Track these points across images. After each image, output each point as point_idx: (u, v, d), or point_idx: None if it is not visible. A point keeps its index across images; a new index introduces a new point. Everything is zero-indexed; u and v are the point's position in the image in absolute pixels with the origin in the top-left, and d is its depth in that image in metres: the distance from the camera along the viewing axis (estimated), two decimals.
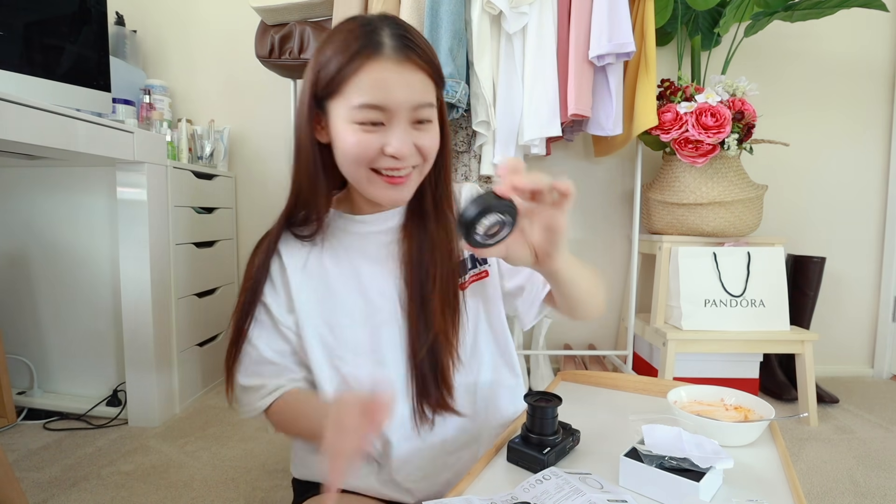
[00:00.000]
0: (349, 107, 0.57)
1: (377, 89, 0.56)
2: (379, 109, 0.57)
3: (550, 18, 1.40)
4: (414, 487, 0.69)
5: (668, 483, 0.54)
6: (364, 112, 0.57)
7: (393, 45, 0.57)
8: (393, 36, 0.57)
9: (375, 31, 0.57)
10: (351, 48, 0.56)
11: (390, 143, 0.58)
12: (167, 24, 2.03)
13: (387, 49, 0.56)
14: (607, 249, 2.02)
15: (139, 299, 1.47)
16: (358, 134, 0.58)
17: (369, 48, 0.56)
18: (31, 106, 1.08)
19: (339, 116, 0.59)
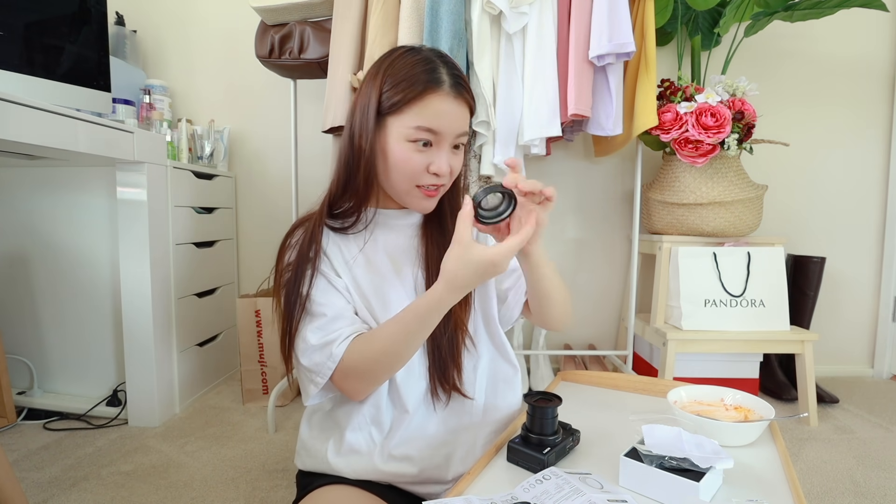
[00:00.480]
0: (407, 126, 0.68)
1: (434, 116, 0.68)
2: (431, 132, 0.68)
3: (550, 18, 1.39)
4: (416, 456, 0.73)
5: (668, 483, 0.54)
6: (419, 132, 0.68)
7: (450, 83, 0.69)
8: (450, 75, 0.69)
9: (437, 68, 0.69)
10: (418, 79, 0.68)
11: (436, 162, 0.70)
12: (167, 24, 2.03)
13: (445, 85, 0.68)
14: (607, 249, 2.02)
15: (139, 299, 1.47)
16: (409, 152, 0.69)
17: (433, 82, 0.68)
18: (31, 106, 1.08)
19: (395, 132, 0.69)
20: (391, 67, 0.69)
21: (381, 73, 0.70)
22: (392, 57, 0.71)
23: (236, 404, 1.68)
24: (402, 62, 0.69)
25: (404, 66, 0.69)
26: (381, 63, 0.72)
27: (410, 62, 0.69)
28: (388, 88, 0.68)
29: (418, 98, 0.67)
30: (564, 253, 2.03)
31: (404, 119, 0.68)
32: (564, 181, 2.00)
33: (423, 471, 0.73)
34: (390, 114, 0.69)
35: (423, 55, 0.70)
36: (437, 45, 1.32)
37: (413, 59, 0.69)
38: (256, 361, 1.67)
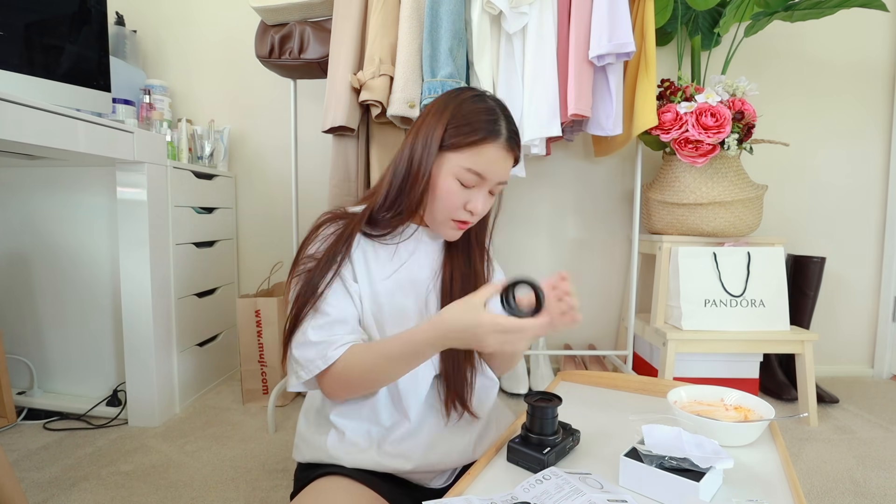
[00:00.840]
0: (459, 165, 0.74)
1: (485, 163, 0.75)
2: (478, 176, 0.75)
3: (550, 18, 1.39)
4: (413, 455, 0.75)
5: (668, 483, 0.54)
6: (467, 174, 0.74)
7: (506, 136, 0.75)
8: (508, 129, 0.76)
9: (498, 121, 0.75)
10: (480, 127, 0.74)
11: (473, 201, 0.76)
12: (167, 24, 2.03)
13: (502, 138, 0.75)
14: (607, 249, 2.02)
15: (139, 299, 1.47)
16: (454, 187, 0.75)
17: (492, 133, 0.74)
18: (31, 106, 1.08)
19: (447, 167, 0.75)
20: (459, 108, 0.76)
21: (449, 110, 0.76)
22: (461, 98, 0.77)
23: (236, 404, 1.68)
24: (469, 106, 0.76)
25: (470, 111, 0.75)
26: (448, 100, 0.78)
27: (476, 109, 0.75)
28: (452, 126, 0.74)
29: (476, 144, 0.73)
30: (564, 253, 2.03)
31: (459, 158, 0.74)
32: (564, 181, 2.00)
33: (420, 466, 0.75)
34: (449, 150, 0.75)
35: (488, 105, 0.76)
36: (437, 45, 1.32)
37: (479, 106, 0.76)
38: (256, 361, 1.67)
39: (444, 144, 0.75)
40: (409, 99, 1.34)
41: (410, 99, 1.34)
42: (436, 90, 1.31)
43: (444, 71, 1.32)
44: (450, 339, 0.65)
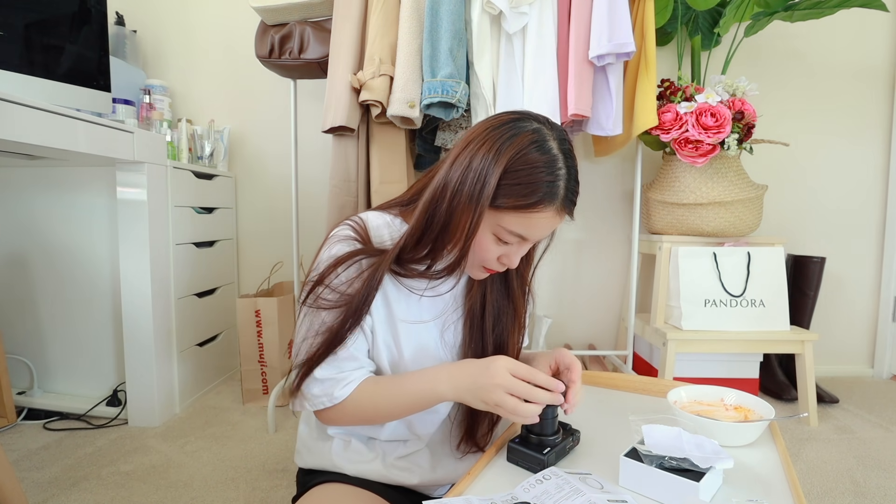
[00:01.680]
0: (502, 225, 0.64)
1: (533, 229, 0.64)
2: (520, 238, 0.65)
3: (550, 18, 1.39)
4: (418, 469, 0.74)
5: (668, 483, 0.54)
6: (510, 236, 0.65)
7: (562, 197, 0.63)
8: (566, 188, 0.63)
9: (558, 180, 0.62)
10: (537, 188, 0.61)
11: (510, 257, 0.67)
12: (167, 24, 2.03)
13: (558, 201, 0.63)
14: (607, 249, 2.02)
15: (139, 299, 1.47)
16: (490, 243, 0.65)
17: (549, 197, 0.62)
18: (31, 106, 1.08)
19: (488, 222, 0.64)
20: (518, 158, 0.61)
21: (506, 157, 0.61)
22: (520, 142, 0.62)
23: (236, 404, 1.68)
24: (530, 156, 0.61)
25: (530, 164, 0.61)
26: (504, 139, 0.62)
27: (537, 161, 0.61)
28: (507, 183, 0.61)
29: (529, 208, 0.62)
30: (564, 253, 2.03)
31: (503, 219, 0.63)
32: None
33: (425, 480, 0.74)
34: (495, 207, 0.63)
35: (550, 155, 0.62)
36: (437, 45, 1.32)
37: (541, 158, 0.62)
38: (256, 361, 1.67)
39: (492, 204, 0.62)
40: (409, 99, 1.34)
41: (410, 99, 1.34)
42: (436, 90, 1.31)
43: (444, 71, 1.32)
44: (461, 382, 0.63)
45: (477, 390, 0.61)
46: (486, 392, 0.60)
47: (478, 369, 0.63)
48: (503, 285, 0.76)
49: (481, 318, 0.75)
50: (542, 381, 0.61)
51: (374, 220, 0.72)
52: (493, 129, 0.64)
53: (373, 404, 0.67)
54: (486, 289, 0.75)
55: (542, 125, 0.64)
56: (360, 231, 0.69)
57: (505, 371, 0.60)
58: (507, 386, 0.60)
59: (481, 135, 0.64)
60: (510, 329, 0.76)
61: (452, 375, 0.64)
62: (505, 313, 0.76)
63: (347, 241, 0.68)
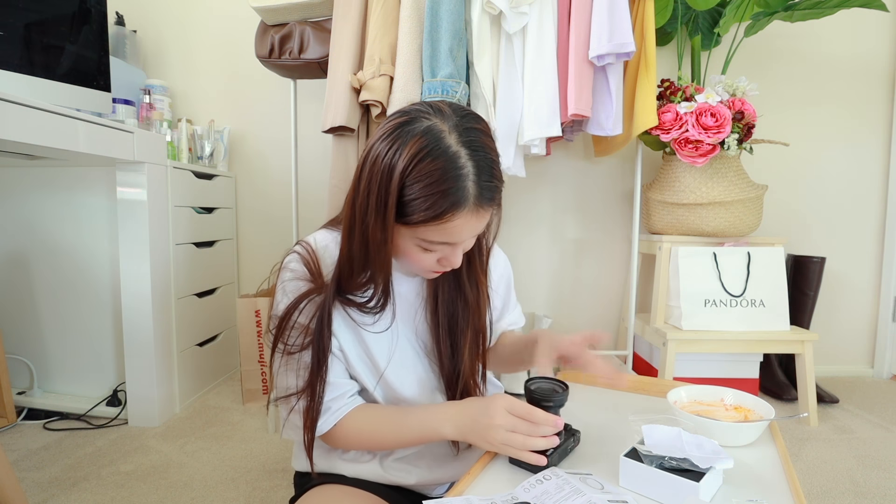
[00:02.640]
0: (422, 238, 0.61)
1: (454, 235, 0.60)
2: (446, 244, 0.62)
3: (550, 18, 1.39)
4: (417, 469, 0.74)
5: (668, 483, 0.54)
6: (434, 245, 0.62)
7: (476, 194, 0.58)
8: (479, 184, 0.58)
9: (465, 178, 0.57)
10: (443, 198, 0.57)
11: (450, 260, 0.64)
12: (167, 24, 2.03)
13: (471, 200, 0.58)
14: (607, 249, 2.02)
15: (139, 299, 1.47)
16: (421, 254, 0.63)
17: (457, 205, 0.57)
18: (31, 106, 1.08)
19: (407, 237, 0.62)
20: (412, 174, 0.56)
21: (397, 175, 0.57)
22: (410, 154, 0.56)
23: (236, 404, 1.68)
24: (424, 167, 0.56)
25: (426, 178, 0.56)
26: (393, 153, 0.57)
27: (434, 171, 0.56)
28: (407, 199, 0.57)
29: (438, 220, 0.58)
30: (564, 253, 2.03)
31: (419, 231, 0.60)
32: (564, 181, 2.00)
33: (423, 480, 0.74)
34: (405, 225, 0.60)
35: (447, 157, 0.56)
36: (437, 45, 1.32)
37: (438, 163, 0.56)
38: (256, 361, 1.67)
39: (399, 220, 0.60)
40: (409, 99, 1.34)
41: (411, 99, 1.34)
42: (436, 90, 1.31)
43: (444, 71, 1.32)
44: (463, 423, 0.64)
45: (480, 430, 0.62)
46: (488, 432, 0.61)
47: (477, 410, 0.63)
48: (454, 280, 0.73)
49: (443, 315, 0.73)
50: (540, 417, 0.60)
51: (322, 239, 0.71)
52: (383, 139, 0.59)
53: (377, 435, 0.69)
54: (438, 287, 0.73)
55: (434, 120, 0.59)
56: (308, 259, 0.68)
57: (503, 411, 0.61)
58: (508, 425, 0.60)
59: (374, 148, 0.60)
60: (468, 322, 0.73)
61: (454, 417, 0.65)
62: (459, 306, 0.73)
63: (295, 282, 0.68)
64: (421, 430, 0.66)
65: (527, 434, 0.60)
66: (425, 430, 0.66)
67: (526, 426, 0.60)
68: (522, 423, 0.60)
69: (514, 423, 0.60)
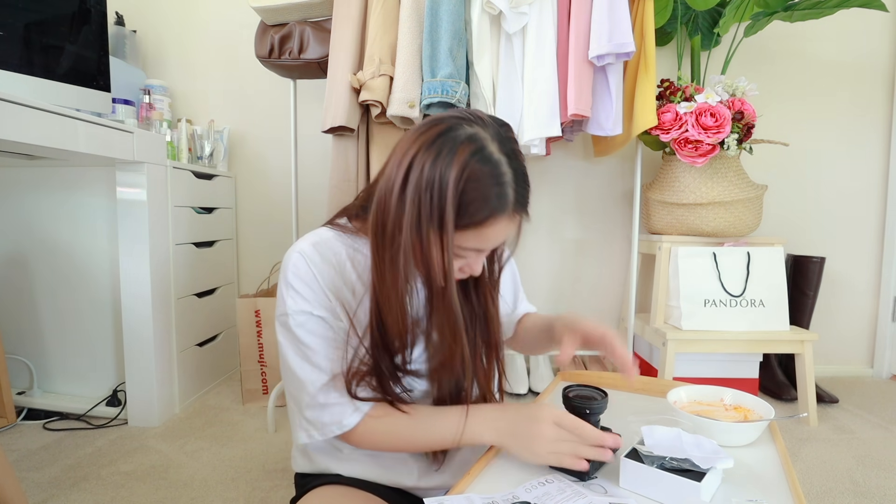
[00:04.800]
0: (457, 245, 0.59)
1: (489, 241, 0.61)
2: (477, 251, 0.62)
3: (550, 18, 1.39)
4: (416, 467, 0.73)
5: (669, 483, 0.54)
6: (466, 252, 0.61)
7: (513, 200, 0.59)
8: (517, 192, 0.60)
9: (506, 185, 0.58)
10: (485, 204, 0.57)
11: (472, 267, 0.64)
12: (167, 24, 2.03)
13: (509, 208, 0.59)
14: (607, 249, 2.02)
15: (139, 299, 1.47)
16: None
17: (499, 208, 0.58)
18: (31, 106, 1.08)
19: (437, 240, 0.58)
20: (464, 178, 0.56)
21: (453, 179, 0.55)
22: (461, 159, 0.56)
23: (236, 404, 1.68)
24: (473, 172, 0.56)
25: (475, 182, 0.56)
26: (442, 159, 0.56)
27: (482, 175, 0.57)
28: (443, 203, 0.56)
29: (479, 225, 0.58)
30: (564, 253, 2.03)
31: (456, 238, 0.58)
32: (564, 181, 2.00)
33: (423, 477, 0.74)
34: (437, 228, 0.58)
35: (493, 163, 0.57)
36: (436, 46, 1.32)
37: (485, 170, 0.57)
38: (256, 361, 1.67)
39: (441, 227, 0.57)
40: (409, 99, 1.34)
41: (410, 99, 1.34)
42: (435, 90, 1.31)
43: (444, 71, 1.32)
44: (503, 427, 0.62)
45: (525, 440, 0.61)
46: (534, 442, 0.60)
47: (524, 418, 0.62)
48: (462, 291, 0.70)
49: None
50: (589, 434, 0.59)
51: (325, 235, 0.70)
52: (426, 148, 0.57)
53: (406, 432, 0.66)
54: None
55: (476, 127, 0.59)
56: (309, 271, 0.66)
57: (551, 423, 0.60)
58: (555, 437, 0.59)
59: (419, 155, 0.57)
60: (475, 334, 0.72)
61: (496, 422, 0.64)
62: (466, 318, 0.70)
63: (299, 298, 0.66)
64: (455, 432, 0.64)
65: (572, 451, 0.58)
66: (462, 431, 0.64)
67: (573, 441, 0.59)
68: (570, 437, 0.59)
69: (562, 436, 0.59)
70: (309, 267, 0.66)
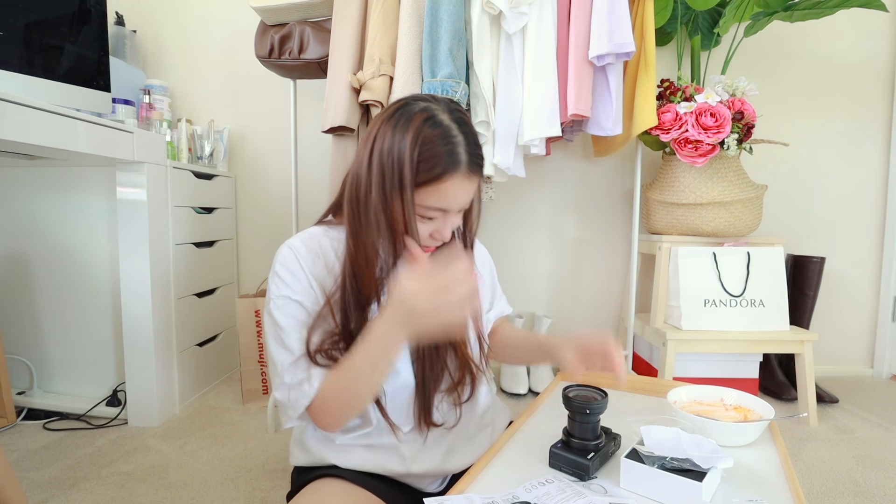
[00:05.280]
0: (418, 203, 0.66)
1: (448, 198, 0.66)
2: (443, 211, 0.68)
3: (550, 18, 1.40)
4: (409, 457, 0.75)
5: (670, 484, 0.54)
6: (430, 212, 0.67)
7: (467, 161, 0.66)
8: (468, 152, 0.66)
9: (457, 147, 0.65)
10: (439, 161, 0.64)
11: (441, 231, 0.69)
12: (167, 24, 2.03)
13: (463, 166, 0.65)
14: (607, 249, 2.02)
15: (139, 299, 1.47)
16: (419, 225, 0.67)
17: (452, 165, 0.65)
18: (31, 106, 1.08)
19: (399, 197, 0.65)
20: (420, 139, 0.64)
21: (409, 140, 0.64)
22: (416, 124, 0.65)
23: (236, 404, 1.68)
24: (426, 135, 0.64)
25: (429, 143, 0.64)
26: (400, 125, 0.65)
27: (434, 136, 0.64)
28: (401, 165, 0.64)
29: (436, 181, 0.64)
30: (564, 253, 2.03)
31: (417, 196, 0.65)
32: (564, 181, 2.00)
33: (417, 468, 0.74)
34: (399, 191, 0.65)
35: (443, 128, 0.65)
36: (436, 45, 1.32)
37: (434, 131, 0.65)
38: (256, 361, 1.67)
39: (395, 184, 0.65)
40: None
41: None
42: (435, 90, 1.31)
43: (444, 71, 1.32)
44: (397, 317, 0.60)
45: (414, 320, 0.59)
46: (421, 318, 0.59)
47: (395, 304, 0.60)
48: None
49: None
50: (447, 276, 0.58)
51: (313, 231, 0.76)
52: (385, 122, 0.67)
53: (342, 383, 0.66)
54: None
55: (428, 102, 0.68)
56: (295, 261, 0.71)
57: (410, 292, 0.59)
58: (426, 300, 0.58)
59: (380, 133, 0.67)
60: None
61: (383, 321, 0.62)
62: None
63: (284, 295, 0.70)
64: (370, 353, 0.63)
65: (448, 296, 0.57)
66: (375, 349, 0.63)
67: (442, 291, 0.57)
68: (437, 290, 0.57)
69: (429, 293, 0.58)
70: (296, 257, 0.71)
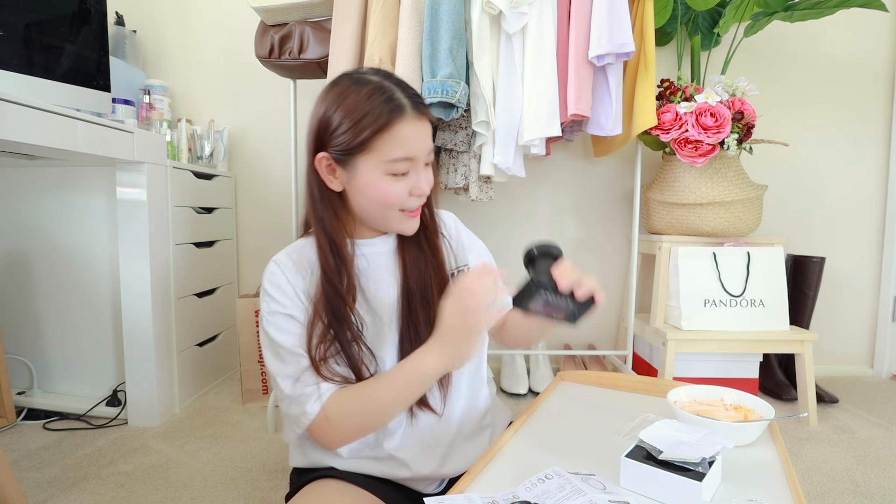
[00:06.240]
0: (383, 161, 0.67)
1: (410, 143, 0.67)
2: (409, 160, 0.68)
3: (550, 18, 1.40)
4: (408, 459, 0.73)
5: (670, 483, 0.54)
6: (399, 164, 0.67)
7: (411, 105, 0.67)
8: (407, 96, 0.67)
9: (393, 93, 0.66)
10: (381, 109, 0.65)
11: (419, 185, 0.70)
12: (167, 24, 2.03)
13: (408, 108, 0.66)
14: (607, 249, 2.02)
15: (139, 299, 1.47)
16: (392, 184, 0.68)
17: (396, 110, 0.66)
18: (31, 106, 1.08)
19: (369, 170, 0.67)
20: (343, 105, 0.66)
21: (333, 112, 0.67)
22: (341, 91, 0.67)
23: (236, 404, 1.68)
24: (353, 97, 0.66)
25: (358, 101, 0.66)
26: (327, 102, 0.68)
27: (363, 95, 0.66)
28: (348, 127, 0.65)
29: (387, 130, 0.65)
30: (564, 253, 2.02)
31: (377, 154, 0.66)
32: (564, 181, 2.00)
33: (417, 472, 0.74)
34: (357, 154, 0.67)
35: (373, 84, 0.67)
36: (436, 45, 1.32)
37: (365, 90, 0.66)
38: (256, 361, 1.67)
39: (345, 151, 0.67)
40: None
41: None
42: (436, 90, 1.31)
43: (444, 71, 1.32)
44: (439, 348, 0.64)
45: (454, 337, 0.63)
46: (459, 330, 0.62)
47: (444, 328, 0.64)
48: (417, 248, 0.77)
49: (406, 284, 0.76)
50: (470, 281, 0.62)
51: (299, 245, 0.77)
52: (321, 101, 0.70)
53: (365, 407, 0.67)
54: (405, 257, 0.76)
55: (351, 75, 0.70)
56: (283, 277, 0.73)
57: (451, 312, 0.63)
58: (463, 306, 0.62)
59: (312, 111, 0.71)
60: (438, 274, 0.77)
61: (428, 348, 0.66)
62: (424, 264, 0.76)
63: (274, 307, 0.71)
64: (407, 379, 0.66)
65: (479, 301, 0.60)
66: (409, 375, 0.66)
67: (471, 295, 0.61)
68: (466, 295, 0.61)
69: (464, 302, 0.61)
70: (282, 272, 0.73)
